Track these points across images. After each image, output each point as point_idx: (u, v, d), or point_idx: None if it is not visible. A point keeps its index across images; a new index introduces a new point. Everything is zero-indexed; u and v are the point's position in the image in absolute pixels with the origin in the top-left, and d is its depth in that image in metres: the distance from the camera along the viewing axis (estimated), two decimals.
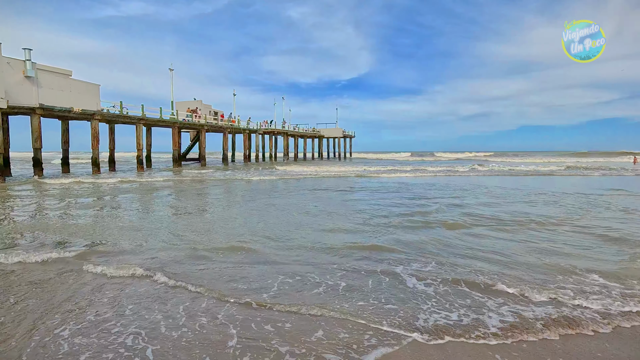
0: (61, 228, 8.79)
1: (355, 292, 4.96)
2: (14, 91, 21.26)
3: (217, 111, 45.13)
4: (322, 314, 4.32)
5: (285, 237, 7.85)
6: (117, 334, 3.89)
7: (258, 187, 19.25)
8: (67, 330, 3.92)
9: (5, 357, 3.45)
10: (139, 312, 4.39)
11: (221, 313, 4.34)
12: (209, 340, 3.75)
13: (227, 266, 5.98)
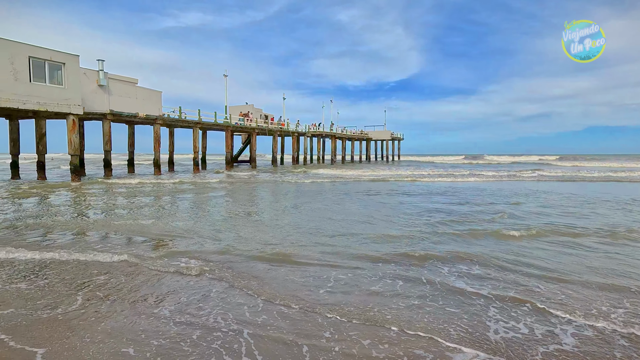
0: (161, 227, 9.45)
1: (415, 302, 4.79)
2: (89, 99, 23.36)
3: (267, 115, 46.40)
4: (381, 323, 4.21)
5: (335, 243, 7.82)
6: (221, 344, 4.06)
7: (308, 189, 19.44)
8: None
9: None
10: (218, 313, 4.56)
11: (288, 318, 4.39)
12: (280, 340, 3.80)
13: (287, 271, 6.05)
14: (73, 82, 21.39)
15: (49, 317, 4.36)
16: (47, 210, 11.94)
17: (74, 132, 21.87)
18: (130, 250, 7.09)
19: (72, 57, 21.35)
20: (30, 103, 19.49)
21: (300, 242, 7.76)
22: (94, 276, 5.65)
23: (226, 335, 3.89)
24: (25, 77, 19.27)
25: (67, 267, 6.05)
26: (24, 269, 5.92)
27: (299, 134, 48.63)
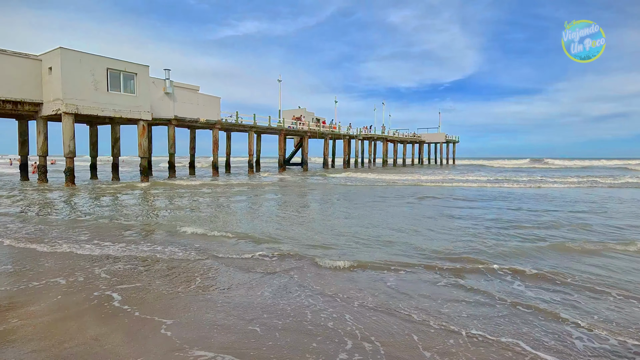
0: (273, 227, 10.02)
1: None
2: (156, 105, 25.22)
3: (319, 118, 46.96)
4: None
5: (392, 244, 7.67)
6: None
7: (359, 192, 19.33)
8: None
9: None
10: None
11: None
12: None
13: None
14: (143, 91, 23.22)
15: (170, 295, 4.94)
16: (171, 208, 13.05)
17: (144, 137, 23.70)
18: (256, 250, 7.48)
19: (143, 67, 23.20)
20: (108, 110, 21.46)
21: (359, 241, 7.73)
22: (208, 266, 6.05)
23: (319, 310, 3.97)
24: (104, 87, 21.27)
25: (192, 264, 6.55)
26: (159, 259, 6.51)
27: (350, 136, 48.61)
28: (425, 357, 3.52)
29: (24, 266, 6.09)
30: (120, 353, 3.42)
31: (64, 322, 4.05)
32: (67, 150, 20.46)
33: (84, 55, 20.47)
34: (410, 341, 3.77)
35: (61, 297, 4.73)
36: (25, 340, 3.59)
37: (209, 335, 3.85)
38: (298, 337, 3.86)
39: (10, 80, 19.72)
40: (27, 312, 4.27)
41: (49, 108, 20.50)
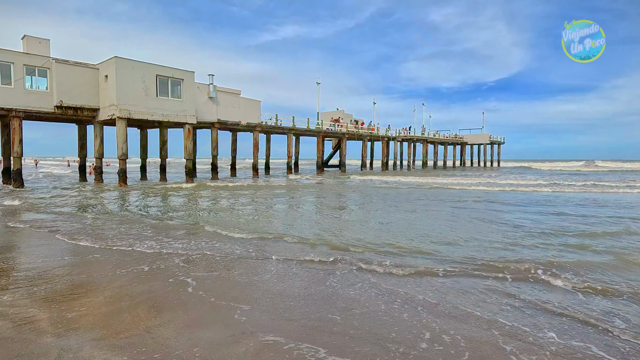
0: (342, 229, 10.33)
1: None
2: (200, 110, 26.29)
3: (357, 120, 46.74)
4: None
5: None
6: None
7: (399, 195, 19.01)
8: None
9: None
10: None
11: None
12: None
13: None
14: (189, 96, 24.30)
15: (246, 282, 5.47)
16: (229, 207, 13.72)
17: (189, 139, 24.78)
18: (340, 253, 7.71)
19: (189, 73, 24.28)
20: (157, 115, 22.67)
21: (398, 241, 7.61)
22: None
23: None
24: (153, 93, 22.50)
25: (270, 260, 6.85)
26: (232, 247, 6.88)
27: (388, 138, 47.96)
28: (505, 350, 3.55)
29: (100, 260, 6.58)
30: (198, 336, 3.61)
31: (147, 305, 4.33)
32: (120, 152, 21.84)
33: (135, 64, 21.78)
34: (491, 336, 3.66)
35: (144, 286, 5.07)
36: (113, 322, 3.89)
37: (283, 323, 4.13)
38: (374, 327, 4.06)
39: (71, 88, 21.39)
40: (108, 298, 4.62)
41: (104, 113, 22.00)
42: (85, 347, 3.46)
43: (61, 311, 4.28)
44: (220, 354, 3.42)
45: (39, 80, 20.91)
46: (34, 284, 5.17)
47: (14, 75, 19.84)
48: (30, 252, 7.02)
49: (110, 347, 3.48)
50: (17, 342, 3.50)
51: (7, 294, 4.75)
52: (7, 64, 19.62)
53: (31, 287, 5.06)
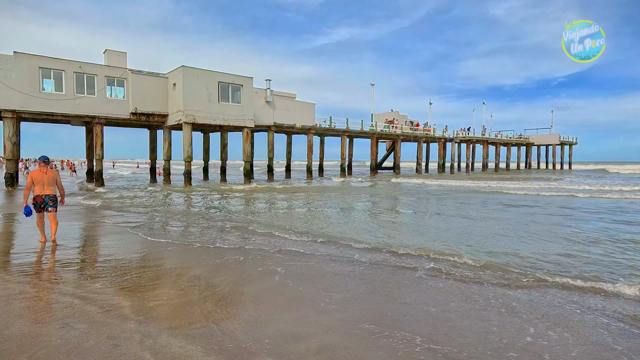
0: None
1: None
2: (258, 113, 27.30)
3: (412, 121, 45.62)
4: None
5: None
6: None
7: (458, 198, 18.20)
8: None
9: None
10: None
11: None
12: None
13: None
14: (248, 100, 25.34)
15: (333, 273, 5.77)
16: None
17: (247, 142, 25.83)
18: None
19: (248, 79, 25.32)
20: (218, 119, 23.93)
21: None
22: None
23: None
24: (215, 99, 23.79)
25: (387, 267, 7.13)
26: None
27: (445, 139, 46.17)
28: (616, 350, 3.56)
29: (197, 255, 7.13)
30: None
31: (229, 297, 4.63)
32: (186, 155, 23.36)
33: (200, 72, 23.18)
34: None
35: (230, 276, 5.42)
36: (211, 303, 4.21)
37: (378, 315, 4.36)
38: (473, 322, 4.18)
39: (144, 96, 23.31)
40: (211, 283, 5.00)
41: (172, 118, 23.68)
42: (162, 334, 3.73)
43: (141, 300, 4.65)
44: (318, 339, 3.50)
45: (118, 90, 23.05)
46: (118, 275, 5.69)
47: (97, 86, 22.06)
48: (114, 246, 7.73)
49: (184, 336, 3.72)
50: (106, 326, 3.86)
51: (96, 282, 5.28)
52: (92, 76, 21.88)
53: (115, 277, 5.57)
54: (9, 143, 19.92)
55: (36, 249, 7.17)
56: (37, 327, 3.80)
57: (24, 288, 4.97)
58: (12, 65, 19.80)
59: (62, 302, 4.46)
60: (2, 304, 4.39)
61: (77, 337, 3.59)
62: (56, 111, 20.96)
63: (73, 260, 6.53)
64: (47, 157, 7.62)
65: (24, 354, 3.26)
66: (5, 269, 5.92)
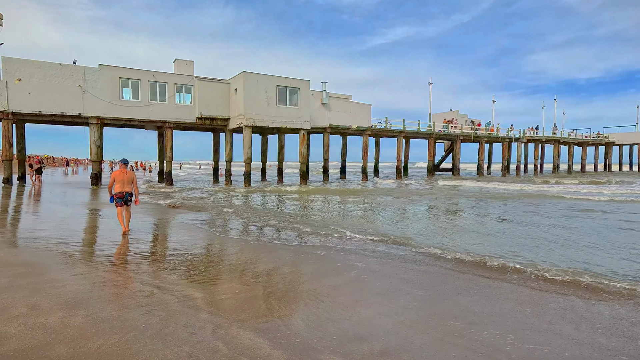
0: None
1: None
2: (314, 115, 27.73)
3: (473, 120, 43.46)
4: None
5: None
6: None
7: (521, 207, 16.99)
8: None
9: None
10: None
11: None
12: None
13: None
14: (304, 103, 25.85)
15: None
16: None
17: (303, 144, 26.34)
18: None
19: (304, 82, 25.83)
20: (276, 122, 24.70)
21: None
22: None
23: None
24: (274, 102, 24.59)
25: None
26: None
27: (510, 139, 43.30)
28: None
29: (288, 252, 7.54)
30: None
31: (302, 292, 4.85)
32: (246, 156, 24.42)
33: (260, 77, 24.11)
34: None
35: (303, 269, 5.69)
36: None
37: (440, 324, 4.08)
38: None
39: (209, 102, 24.79)
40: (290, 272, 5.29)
41: (234, 122, 24.89)
42: (232, 326, 3.94)
43: (211, 293, 4.96)
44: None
45: (185, 96, 24.76)
46: (190, 268, 6.12)
47: (168, 93, 23.89)
48: (185, 241, 8.33)
49: (252, 329, 3.90)
50: (182, 315, 4.18)
51: (171, 274, 5.73)
52: (164, 84, 23.74)
53: (187, 270, 6.00)
54: (94, 146, 22.27)
55: (118, 242, 7.94)
56: (124, 312, 4.22)
57: (112, 277, 5.54)
58: (98, 77, 22.13)
59: (144, 291, 4.90)
60: (96, 290, 4.93)
61: (158, 323, 3.92)
62: (133, 117, 23.05)
63: (150, 253, 7.14)
64: (126, 160, 8.72)
65: (116, 335, 3.64)
66: (95, 259, 6.64)
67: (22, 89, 20.61)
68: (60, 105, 21.37)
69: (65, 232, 8.86)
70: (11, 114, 20.51)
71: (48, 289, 4.87)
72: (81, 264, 6.17)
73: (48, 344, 3.40)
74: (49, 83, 21.16)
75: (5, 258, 6.34)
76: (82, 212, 12.42)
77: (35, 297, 4.56)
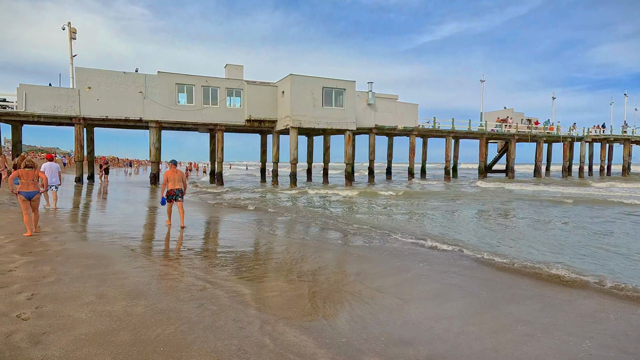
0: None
1: None
2: (359, 116, 27.61)
3: (530, 119, 40.87)
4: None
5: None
6: None
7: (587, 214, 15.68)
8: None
9: None
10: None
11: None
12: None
13: None
14: (350, 104, 25.82)
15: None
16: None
17: (349, 145, 26.31)
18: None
19: (350, 83, 25.80)
20: (322, 123, 24.91)
21: None
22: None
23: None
24: (319, 104, 24.82)
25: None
26: None
27: (572, 139, 40.17)
28: None
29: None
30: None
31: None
32: (292, 157, 24.88)
33: (306, 79, 24.46)
34: None
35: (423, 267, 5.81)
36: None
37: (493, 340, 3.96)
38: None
39: (257, 104, 25.58)
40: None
41: (281, 124, 25.47)
42: (279, 323, 4.06)
43: (258, 290, 5.13)
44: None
45: (235, 100, 25.75)
46: (239, 265, 6.37)
47: (219, 97, 24.98)
48: (234, 239, 8.68)
49: (297, 326, 3.98)
50: (232, 310, 4.37)
51: (222, 270, 6.01)
52: (215, 88, 24.87)
53: (236, 267, 6.25)
54: (153, 148, 23.85)
55: (174, 238, 8.45)
56: (179, 304, 4.50)
57: (168, 270, 5.92)
58: (156, 83, 23.68)
59: (197, 285, 5.18)
60: (154, 282, 5.30)
61: (210, 317, 4.14)
62: (188, 120, 24.39)
63: (202, 250, 7.53)
64: (175, 160, 9.85)
65: (172, 325, 3.89)
66: (153, 253, 7.13)
67: (92, 96, 22.60)
68: (123, 110, 23.15)
69: (128, 228, 9.60)
70: (82, 119, 22.57)
71: (113, 279, 5.31)
72: (141, 257, 6.66)
73: (113, 330, 3.72)
74: (114, 90, 23.01)
75: (77, 250, 7.00)
76: (142, 210, 13.37)
77: (103, 286, 4.99)
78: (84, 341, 3.48)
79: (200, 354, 3.32)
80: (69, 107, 22.24)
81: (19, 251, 6.63)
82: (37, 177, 8.03)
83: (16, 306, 4.22)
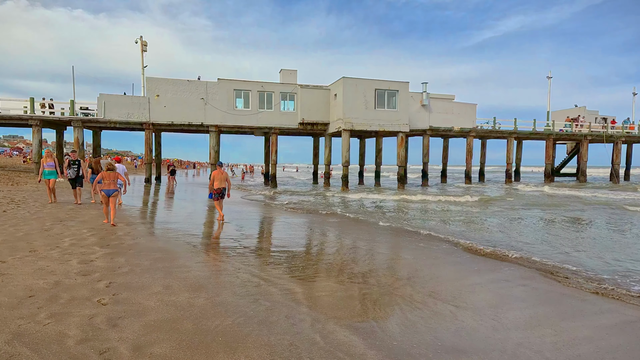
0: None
1: None
2: (413, 118, 26.99)
3: (605, 117, 37.14)
4: None
5: None
6: None
7: None
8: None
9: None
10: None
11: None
12: None
13: None
14: (403, 106, 25.35)
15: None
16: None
17: (402, 147, 25.82)
18: None
19: (404, 84, 25.33)
20: (374, 125, 24.73)
21: None
22: None
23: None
24: (372, 106, 24.67)
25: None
26: None
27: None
28: None
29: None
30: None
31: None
32: (344, 160, 24.97)
33: (358, 81, 24.45)
34: None
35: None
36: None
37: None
38: None
39: (310, 107, 26.05)
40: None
41: (333, 126, 25.69)
42: (329, 322, 4.14)
43: (309, 289, 5.26)
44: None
45: (289, 104, 26.45)
46: (291, 264, 6.57)
47: (274, 101, 25.82)
48: (288, 239, 8.96)
49: (347, 326, 4.03)
50: (285, 307, 4.53)
51: (275, 269, 6.24)
52: (270, 93, 25.74)
53: (289, 266, 6.46)
54: (213, 151, 25.26)
55: (232, 236, 8.91)
56: (236, 298, 4.76)
57: (226, 266, 6.27)
58: (216, 90, 25.06)
59: (252, 282, 5.44)
60: (214, 277, 5.65)
61: (264, 312, 4.33)
62: (244, 124, 25.50)
63: (257, 248, 7.86)
64: (221, 162, 11.47)
65: (229, 317, 4.14)
66: (212, 250, 7.58)
67: (159, 103, 24.50)
68: (187, 115, 24.80)
69: (191, 225, 10.29)
70: (151, 125, 24.54)
71: (178, 272, 5.74)
72: (202, 253, 7.12)
73: (178, 319, 4.04)
74: (179, 97, 24.74)
75: (147, 244, 7.65)
76: (203, 209, 14.23)
77: (169, 278, 5.43)
78: (153, 327, 3.82)
79: (255, 346, 3.50)
80: (140, 113, 24.31)
81: (98, 244, 7.40)
82: (117, 178, 9.40)
83: (97, 292, 4.74)
